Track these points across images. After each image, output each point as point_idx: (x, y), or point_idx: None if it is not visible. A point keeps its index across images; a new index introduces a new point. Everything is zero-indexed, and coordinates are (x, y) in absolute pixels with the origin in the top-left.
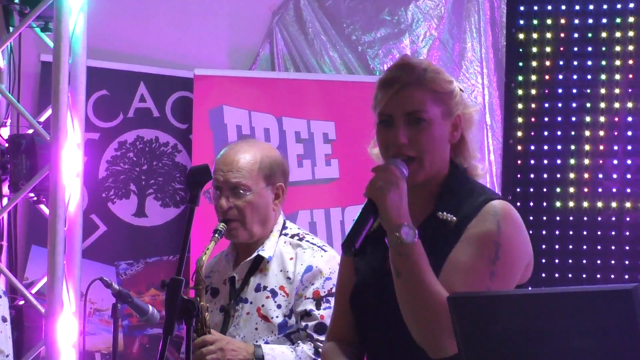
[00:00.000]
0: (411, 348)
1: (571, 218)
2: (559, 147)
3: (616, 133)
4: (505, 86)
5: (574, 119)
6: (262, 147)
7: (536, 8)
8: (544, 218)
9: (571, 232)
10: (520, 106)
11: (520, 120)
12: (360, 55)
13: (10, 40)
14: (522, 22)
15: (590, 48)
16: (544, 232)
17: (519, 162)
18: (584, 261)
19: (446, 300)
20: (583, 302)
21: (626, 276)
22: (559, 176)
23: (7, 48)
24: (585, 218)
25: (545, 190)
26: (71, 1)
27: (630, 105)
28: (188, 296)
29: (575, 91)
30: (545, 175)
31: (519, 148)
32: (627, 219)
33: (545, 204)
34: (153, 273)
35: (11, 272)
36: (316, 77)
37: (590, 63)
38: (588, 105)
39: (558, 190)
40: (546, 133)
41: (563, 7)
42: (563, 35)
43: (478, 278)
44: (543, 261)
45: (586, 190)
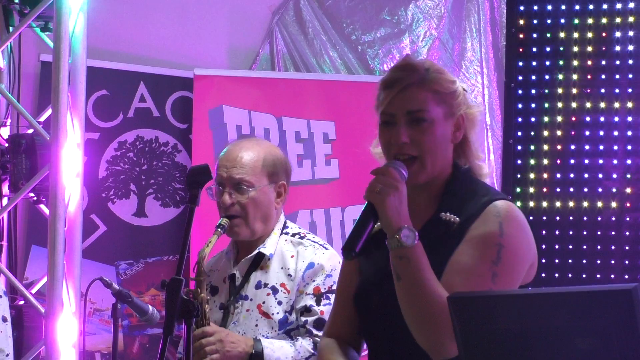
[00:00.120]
0: (413, 349)
1: (571, 218)
2: (559, 147)
3: (616, 133)
4: (505, 86)
5: (574, 119)
6: (266, 145)
7: (536, 8)
8: (544, 218)
9: (571, 232)
10: (520, 106)
11: (520, 120)
12: (360, 55)
13: (10, 40)
14: (522, 22)
15: (589, 48)
16: (544, 232)
17: (519, 162)
18: (584, 261)
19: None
20: (583, 302)
21: (626, 276)
22: (559, 176)
23: (7, 48)
24: (585, 218)
25: (545, 190)
26: (71, 1)
27: (630, 105)
28: (189, 288)
29: (575, 91)
30: (545, 175)
31: (519, 148)
32: (627, 219)
33: (545, 204)
34: (153, 273)
35: (11, 272)
36: (316, 77)
37: (589, 63)
38: (588, 105)
39: (558, 190)
40: (546, 133)
41: (563, 7)
42: (563, 35)
43: (480, 280)
44: (543, 261)
45: (586, 190)
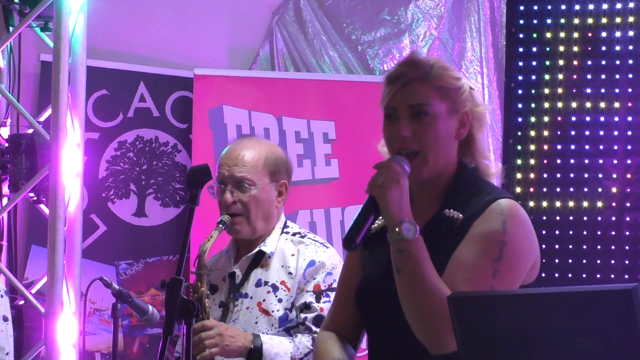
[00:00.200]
0: (414, 344)
1: (571, 218)
2: (559, 147)
3: (616, 133)
4: (505, 86)
5: (574, 119)
6: (267, 145)
7: (536, 8)
8: (544, 218)
9: (571, 232)
10: (520, 106)
11: (520, 120)
12: (360, 55)
13: (10, 40)
14: (522, 22)
15: (590, 48)
16: (544, 232)
17: (519, 162)
18: (584, 261)
19: (447, 297)
20: (583, 302)
21: (626, 276)
22: (559, 176)
23: (7, 48)
24: (585, 218)
25: (545, 190)
26: (71, 1)
27: (630, 105)
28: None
29: (575, 91)
30: (545, 175)
31: (519, 148)
32: (627, 219)
33: (545, 204)
34: (153, 273)
35: (11, 272)
36: (316, 77)
37: (590, 63)
38: (588, 105)
39: (558, 190)
40: (546, 133)
41: (563, 7)
42: (563, 35)
43: (481, 276)
44: (543, 261)
45: (586, 190)
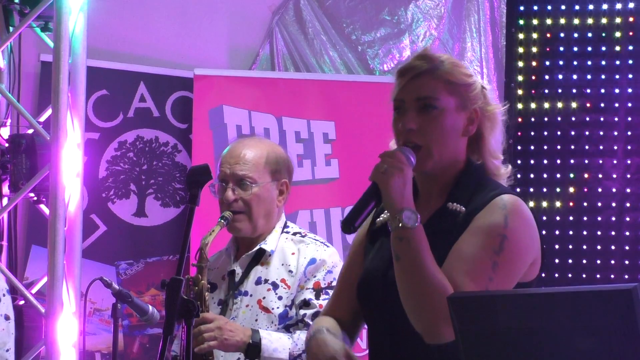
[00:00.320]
0: (413, 335)
1: (571, 218)
2: (559, 147)
3: (616, 133)
4: (505, 86)
5: (574, 119)
6: (269, 144)
7: (536, 8)
8: (544, 218)
9: (571, 232)
10: (520, 106)
11: (520, 120)
12: (360, 55)
13: (10, 40)
14: (522, 22)
15: (590, 48)
16: (544, 232)
17: (519, 162)
18: (584, 261)
19: (444, 286)
20: (583, 302)
21: (626, 276)
22: (559, 176)
23: (7, 48)
24: (585, 218)
25: (545, 190)
26: (71, 1)
27: (629, 105)
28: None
29: (575, 91)
30: (545, 175)
31: (519, 148)
32: (627, 219)
33: (545, 204)
34: (153, 273)
35: (11, 272)
36: (316, 77)
37: (590, 63)
38: (588, 105)
39: (558, 190)
40: (546, 133)
41: (563, 7)
42: (563, 35)
43: (480, 267)
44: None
45: (586, 190)
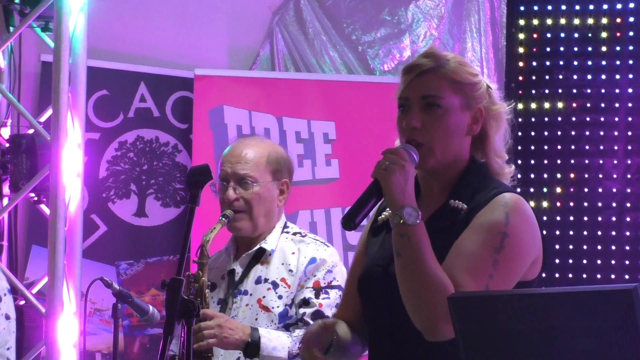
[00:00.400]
0: (413, 332)
1: (571, 218)
2: (559, 147)
3: (616, 133)
4: (505, 86)
5: (574, 119)
6: (269, 143)
7: (536, 8)
8: (545, 218)
9: (571, 232)
10: (520, 106)
11: (520, 120)
12: (360, 55)
13: (10, 40)
14: (523, 22)
15: (590, 48)
16: (544, 232)
17: (519, 162)
18: (584, 261)
19: (445, 283)
20: (583, 302)
21: (626, 276)
22: (560, 176)
23: (8, 48)
24: (585, 218)
25: (545, 190)
26: (71, 1)
27: (630, 105)
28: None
29: (575, 91)
30: (545, 175)
31: (519, 148)
32: (627, 219)
33: (545, 204)
34: (153, 273)
35: (12, 272)
36: (316, 77)
37: (590, 63)
38: (588, 105)
39: (558, 190)
40: (546, 133)
41: (563, 7)
42: (563, 35)
43: (481, 265)
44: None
45: (586, 190)
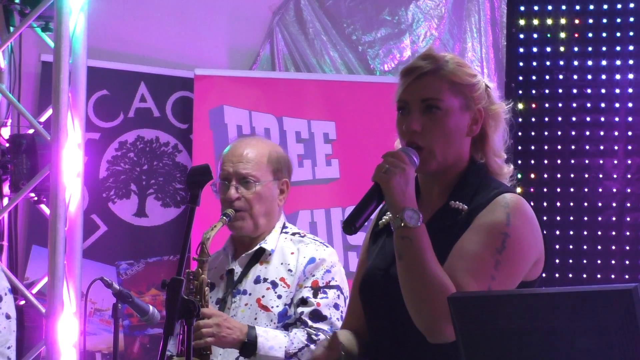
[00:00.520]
0: (415, 334)
1: (571, 218)
2: (559, 147)
3: (616, 133)
4: (505, 86)
5: (574, 119)
6: (270, 143)
7: (536, 8)
8: (545, 218)
9: (571, 232)
10: (520, 106)
11: (520, 120)
12: (360, 55)
13: (10, 40)
14: (523, 22)
15: (590, 48)
16: (545, 232)
17: (519, 162)
18: (584, 261)
19: (446, 285)
20: (583, 302)
21: (626, 276)
22: (559, 176)
23: (8, 48)
24: (585, 218)
25: (545, 190)
26: (72, 1)
27: (630, 105)
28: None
29: (575, 91)
30: (545, 175)
31: (519, 148)
32: (627, 219)
33: (545, 204)
34: (153, 273)
35: (12, 272)
36: (316, 77)
37: (590, 63)
38: (588, 105)
39: (558, 190)
40: (546, 133)
41: (563, 7)
42: (563, 35)
43: (482, 266)
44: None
45: (586, 190)
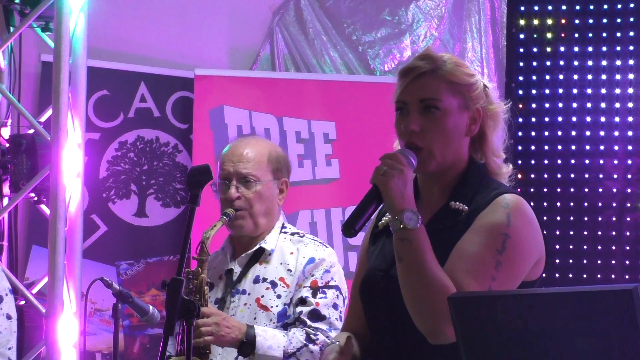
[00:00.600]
0: (415, 335)
1: (571, 218)
2: (560, 147)
3: (616, 133)
4: (505, 86)
5: (575, 119)
6: (269, 143)
7: (536, 8)
8: (545, 218)
9: (572, 232)
10: (520, 106)
11: (520, 120)
12: (360, 55)
13: (10, 40)
14: (523, 22)
15: (590, 48)
16: (545, 232)
17: (519, 162)
18: (584, 261)
19: (447, 286)
20: (583, 302)
21: (626, 276)
22: (560, 176)
23: (8, 48)
24: (585, 218)
25: (545, 190)
26: (72, 1)
27: (630, 105)
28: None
29: (575, 91)
30: (545, 175)
31: (519, 148)
32: (627, 219)
33: (545, 204)
34: (153, 273)
35: (12, 272)
36: (316, 77)
37: (590, 63)
38: (588, 105)
39: (558, 190)
40: (546, 133)
41: (563, 7)
42: (563, 35)
43: (483, 267)
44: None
45: (587, 190)
